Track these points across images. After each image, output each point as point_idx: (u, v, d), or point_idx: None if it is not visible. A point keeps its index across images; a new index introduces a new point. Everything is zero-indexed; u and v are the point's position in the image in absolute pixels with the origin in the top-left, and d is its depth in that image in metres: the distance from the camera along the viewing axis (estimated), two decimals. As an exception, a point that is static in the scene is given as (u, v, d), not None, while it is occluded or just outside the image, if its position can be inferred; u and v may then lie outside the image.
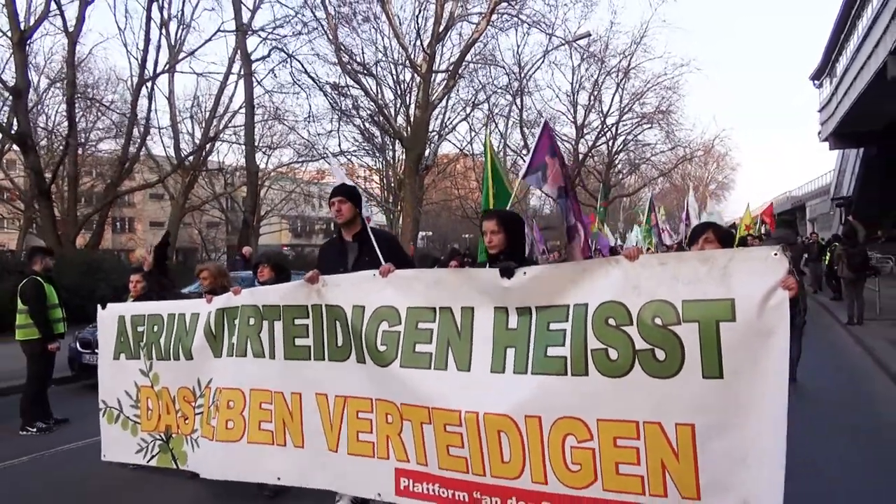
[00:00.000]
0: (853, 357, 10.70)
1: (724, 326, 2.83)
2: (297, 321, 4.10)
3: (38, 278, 7.00)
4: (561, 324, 3.21)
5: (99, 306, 5.38)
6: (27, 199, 27.47)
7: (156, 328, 4.94)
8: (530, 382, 3.22)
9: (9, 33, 17.98)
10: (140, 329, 5.03)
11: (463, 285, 3.58)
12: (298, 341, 4.10)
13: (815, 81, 37.60)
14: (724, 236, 3.84)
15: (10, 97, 18.70)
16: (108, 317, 5.27)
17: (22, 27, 17.77)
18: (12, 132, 19.39)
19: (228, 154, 41.14)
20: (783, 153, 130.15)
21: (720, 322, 2.83)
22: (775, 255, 2.84)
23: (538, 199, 41.81)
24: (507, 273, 3.41)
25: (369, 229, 4.53)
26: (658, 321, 2.95)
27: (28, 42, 18.52)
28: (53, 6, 17.86)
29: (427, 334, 3.61)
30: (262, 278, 5.98)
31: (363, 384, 3.82)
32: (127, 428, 5.10)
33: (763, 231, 19.30)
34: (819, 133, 37.07)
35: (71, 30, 18.06)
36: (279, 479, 4.17)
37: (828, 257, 17.96)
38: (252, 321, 4.30)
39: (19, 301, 6.97)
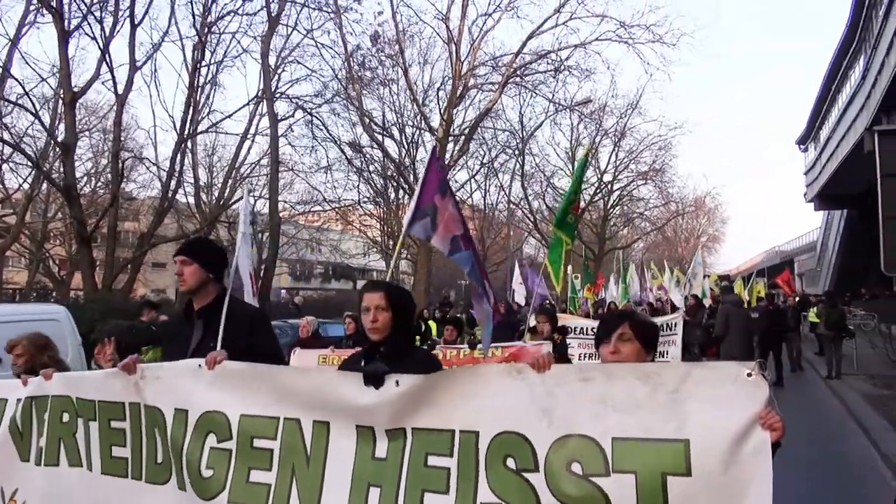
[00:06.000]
0: (829, 409, 12.08)
1: (674, 482, 2.08)
2: (114, 423, 3.15)
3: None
4: (443, 458, 2.44)
5: None
6: (38, 240, 29.09)
7: None
8: None
9: (61, 93, 19.72)
10: None
11: (319, 389, 2.73)
12: (115, 451, 3.15)
13: (801, 146, 39.95)
14: (648, 335, 2.66)
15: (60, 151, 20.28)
16: None
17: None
18: (57, 182, 20.93)
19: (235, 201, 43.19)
20: (772, 208, 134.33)
21: (667, 475, 2.09)
22: (749, 375, 2.08)
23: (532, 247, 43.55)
24: (375, 381, 2.55)
25: (226, 302, 3.38)
26: (576, 468, 2.20)
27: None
28: (104, 69, 19.60)
29: (266, 456, 2.75)
30: (103, 360, 4.04)
31: None
32: None
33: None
34: (805, 194, 39.19)
35: (120, 92, 19.76)
36: None
37: (813, 312, 19.53)
38: (66, 417, 3.30)
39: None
